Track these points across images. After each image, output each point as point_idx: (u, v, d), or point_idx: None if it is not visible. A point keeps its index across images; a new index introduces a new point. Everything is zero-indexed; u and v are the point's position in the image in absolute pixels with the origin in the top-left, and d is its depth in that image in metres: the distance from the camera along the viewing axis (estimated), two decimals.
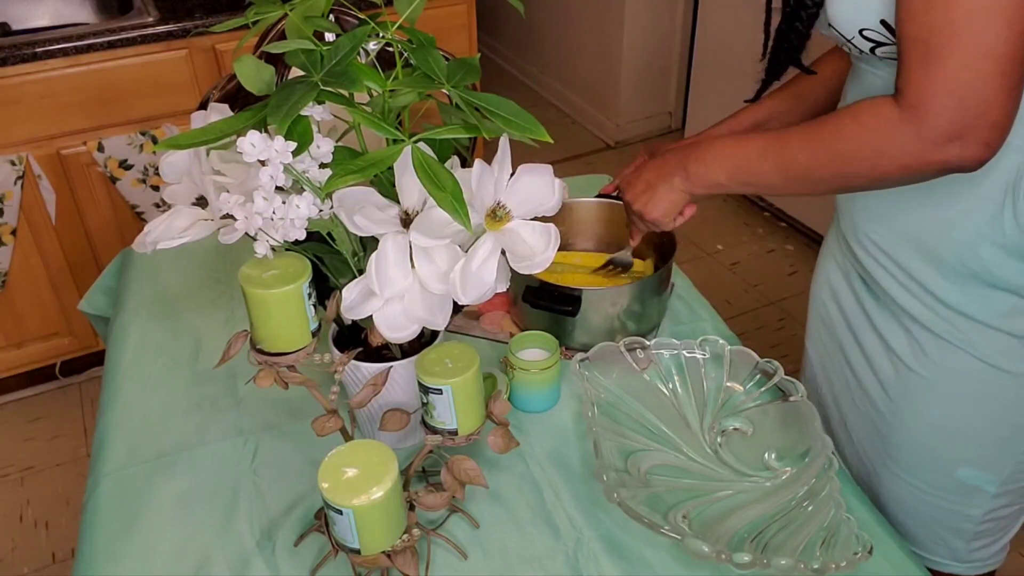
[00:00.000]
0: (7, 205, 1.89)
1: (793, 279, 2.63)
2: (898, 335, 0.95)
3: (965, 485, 0.97)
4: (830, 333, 1.09)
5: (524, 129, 0.75)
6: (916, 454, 0.99)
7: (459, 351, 0.85)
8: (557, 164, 1.62)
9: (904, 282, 0.92)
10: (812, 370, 1.16)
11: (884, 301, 0.96)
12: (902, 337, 0.95)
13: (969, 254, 0.85)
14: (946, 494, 0.99)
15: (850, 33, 0.82)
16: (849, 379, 1.05)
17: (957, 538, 1.02)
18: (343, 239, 0.85)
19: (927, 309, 0.91)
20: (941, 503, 0.99)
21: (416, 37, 0.80)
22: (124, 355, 1.18)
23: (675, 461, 0.97)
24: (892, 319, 0.96)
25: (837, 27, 0.83)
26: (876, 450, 1.03)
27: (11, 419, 2.19)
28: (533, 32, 3.74)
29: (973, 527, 1.00)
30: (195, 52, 1.94)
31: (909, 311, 0.93)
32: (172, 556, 0.89)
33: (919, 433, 0.97)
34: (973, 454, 0.95)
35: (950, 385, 0.93)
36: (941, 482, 0.98)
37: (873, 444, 1.03)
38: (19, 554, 1.85)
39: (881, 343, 0.98)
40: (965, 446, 0.95)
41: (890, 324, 0.96)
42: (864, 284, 1.00)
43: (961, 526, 1.01)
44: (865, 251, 0.96)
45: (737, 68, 2.60)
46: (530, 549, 0.89)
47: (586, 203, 1.24)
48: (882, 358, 0.98)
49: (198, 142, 0.74)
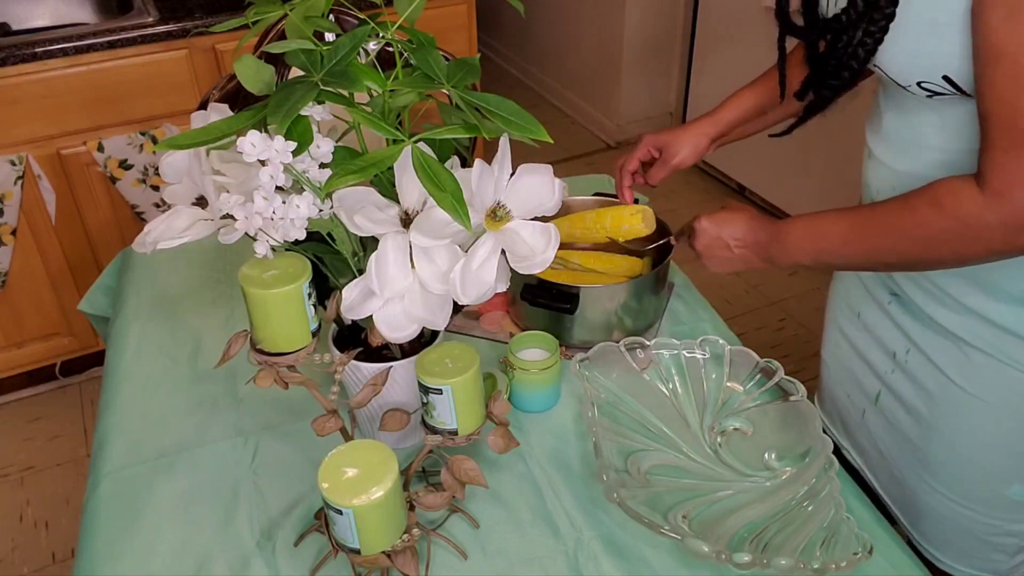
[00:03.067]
0: (7, 205, 1.89)
1: (794, 279, 2.63)
2: (943, 352, 0.93)
3: (1013, 501, 0.95)
4: (851, 346, 1.07)
5: (524, 129, 0.75)
6: (961, 470, 0.96)
7: (459, 351, 0.85)
8: (557, 164, 1.62)
9: (950, 305, 0.90)
10: (830, 382, 1.14)
11: (922, 318, 0.94)
12: (948, 354, 0.92)
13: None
14: (991, 511, 0.97)
15: (906, 82, 0.79)
16: (881, 392, 1.03)
17: (1000, 553, 1.00)
18: (343, 239, 0.85)
19: (976, 329, 0.89)
20: (984, 519, 0.97)
21: (416, 37, 0.80)
22: (124, 355, 1.18)
23: (675, 461, 0.97)
24: (935, 336, 0.93)
25: (889, 74, 0.80)
26: (911, 463, 1.01)
27: (11, 419, 2.19)
28: (533, 32, 3.75)
29: (1018, 542, 0.99)
30: (195, 52, 1.94)
31: (954, 331, 0.90)
32: (172, 556, 0.89)
33: (965, 448, 0.95)
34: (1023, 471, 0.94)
35: (998, 401, 0.91)
36: (986, 498, 0.96)
37: (907, 459, 1.01)
38: (19, 554, 1.85)
39: (924, 359, 0.95)
40: (1015, 462, 0.93)
41: (933, 340, 0.94)
42: (898, 302, 0.98)
43: (1004, 541, 0.99)
44: (907, 279, 0.94)
45: (737, 68, 2.59)
46: (530, 549, 0.89)
47: (586, 202, 1.24)
48: (925, 373, 0.96)
49: (198, 142, 0.74)
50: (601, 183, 1.47)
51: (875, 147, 0.93)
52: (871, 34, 0.79)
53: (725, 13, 2.89)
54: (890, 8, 0.76)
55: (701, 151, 1.13)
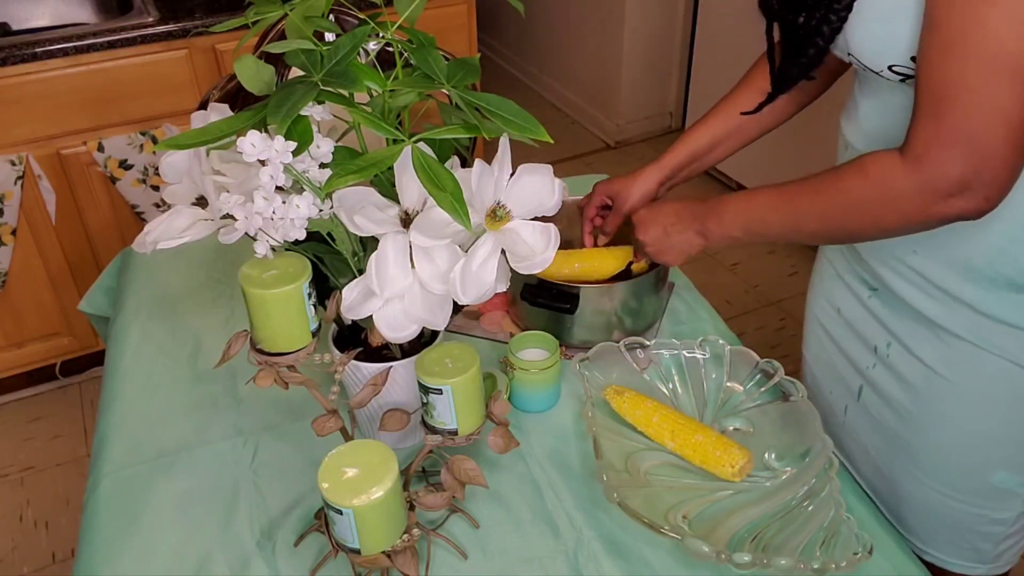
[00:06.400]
0: (7, 205, 1.89)
1: (793, 279, 2.63)
2: (924, 342, 0.93)
3: (998, 489, 0.95)
4: (832, 342, 1.08)
5: (524, 129, 0.75)
6: (946, 460, 0.97)
7: (459, 351, 0.85)
8: (557, 164, 1.62)
9: (930, 292, 0.90)
10: (812, 379, 1.15)
11: (902, 310, 0.95)
12: (929, 344, 0.93)
13: (1003, 259, 0.83)
14: (977, 499, 0.97)
15: (878, 67, 0.81)
16: (863, 388, 1.03)
17: (985, 541, 1.00)
18: (343, 239, 0.85)
19: (956, 316, 0.89)
20: (971, 508, 0.98)
21: (416, 37, 0.80)
22: (124, 355, 1.18)
23: (675, 461, 0.97)
24: (915, 326, 0.94)
25: (862, 60, 0.82)
26: (896, 456, 1.01)
27: (11, 419, 2.19)
28: (533, 32, 3.74)
29: (1004, 530, 0.99)
30: (195, 52, 1.94)
31: (935, 320, 0.91)
32: (172, 556, 0.89)
33: (950, 439, 0.95)
34: (1008, 458, 0.94)
35: (982, 389, 0.91)
36: (972, 487, 0.97)
37: (892, 451, 1.01)
38: (19, 554, 1.85)
39: (905, 351, 0.96)
40: (999, 450, 0.94)
41: (914, 331, 0.94)
42: (877, 296, 0.98)
43: (991, 529, 0.99)
44: (883, 264, 0.95)
45: (737, 68, 2.59)
46: (530, 549, 0.89)
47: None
48: (908, 365, 0.96)
49: (198, 142, 0.74)
50: None
51: (851, 136, 0.95)
52: (836, 11, 0.80)
53: (725, 13, 2.89)
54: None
55: (650, 196, 1.16)
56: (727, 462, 0.93)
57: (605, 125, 3.43)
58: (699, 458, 0.95)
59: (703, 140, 1.13)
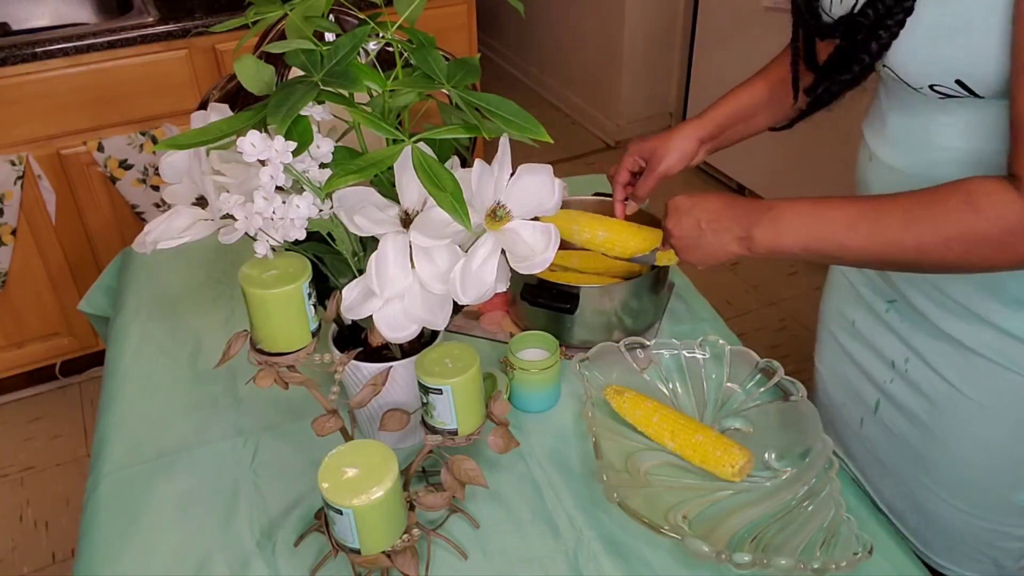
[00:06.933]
0: (7, 205, 1.89)
1: (793, 279, 2.63)
2: (944, 357, 0.91)
3: (1020, 508, 0.94)
4: (847, 355, 1.06)
5: (524, 129, 0.75)
6: (966, 477, 0.95)
7: (459, 351, 0.85)
8: (557, 164, 1.62)
9: (951, 308, 0.88)
10: (825, 392, 1.13)
11: (921, 324, 0.92)
12: (949, 359, 0.91)
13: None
14: (997, 516, 0.95)
15: (917, 85, 0.78)
16: (880, 401, 1.01)
17: (1006, 557, 0.99)
18: (343, 239, 0.85)
19: (979, 334, 0.87)
20: (991, 525, 0.96)
21: (416, 37, 0.80)
22: (124, 355, 1.18)
23: (675, 461, 0.97)
24: (937, 342, 0.92)
25: (901, 76, 0.79)
26: (914, 472, 0.99)
27: (11, 419, 2.19)
28: (533, 32, 3.75)
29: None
30: (195, 52, 1.94)
31: (958, 338, 0.89)
32: (172, 556, 0.89)
33: (970, 456, 0.93)
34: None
35: (1002, 407, 0.89)
36: (993, 505, 0.95)
37: (909, 467, 1.00)
38: (19, 554, 1.85)
39: (925, 366, 0.94)
40: (1022, 469, 0.92)
41: (934, 347, 0.92)
42: (895, 309, 0.96)
43: (1011, 546, 0.98)
44: (902, 277, 0.92)
45: (737, 68, 2.60)
46: (530, 549, 0.89)
47: (585, 202, 1.24)
48: (927, 380, 0.94)
49: (198, 142, 0.74)
50: (601, 183, 1.47)
51: (877, 149, 0.91)
52: (888, 28, 0.77)
53: (725, 13, 2.89)
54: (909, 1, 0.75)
55: (689, 156, 1.05)
56: (727, 462, 0.93)
57: (605, 125, 3.43)
58: (699, 458, 0.95)
59: (746, 100, 1.05)
